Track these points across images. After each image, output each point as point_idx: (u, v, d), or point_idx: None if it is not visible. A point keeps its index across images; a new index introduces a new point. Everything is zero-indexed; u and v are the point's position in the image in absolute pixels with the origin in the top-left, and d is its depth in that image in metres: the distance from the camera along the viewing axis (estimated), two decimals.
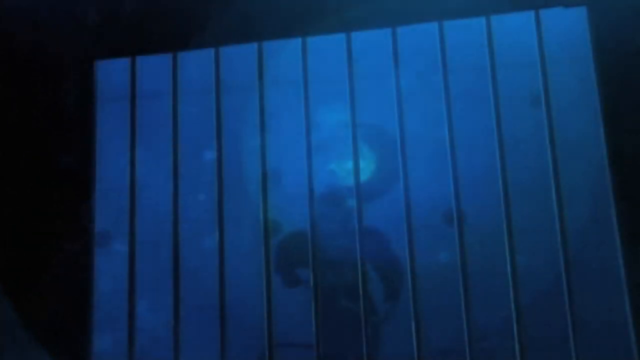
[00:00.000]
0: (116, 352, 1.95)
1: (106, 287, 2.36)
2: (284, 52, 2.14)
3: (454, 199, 1.80)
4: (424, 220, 3.25)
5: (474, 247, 1.92)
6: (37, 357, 1.78)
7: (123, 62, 1.93)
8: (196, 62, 2.12)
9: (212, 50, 1.94)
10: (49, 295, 1.81)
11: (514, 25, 1.94)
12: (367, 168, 3.96)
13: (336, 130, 3.54)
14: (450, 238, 1.92)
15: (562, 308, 1.73)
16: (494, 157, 1.78)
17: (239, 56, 2.09)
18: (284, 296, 3.07)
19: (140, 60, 1.93)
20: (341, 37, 1.88)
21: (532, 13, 1.77)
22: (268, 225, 1.88)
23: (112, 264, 2.53)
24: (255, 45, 1.91)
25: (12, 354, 1.79)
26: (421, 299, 3.15)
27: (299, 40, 1.90)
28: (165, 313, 1.92)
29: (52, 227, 1.84)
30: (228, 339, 1.82)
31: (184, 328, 1.84)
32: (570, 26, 1.93)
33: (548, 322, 2.95)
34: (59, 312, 1.80)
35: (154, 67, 2.06)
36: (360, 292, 1.85)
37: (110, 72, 1.95)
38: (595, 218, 3.32)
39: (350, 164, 3.20)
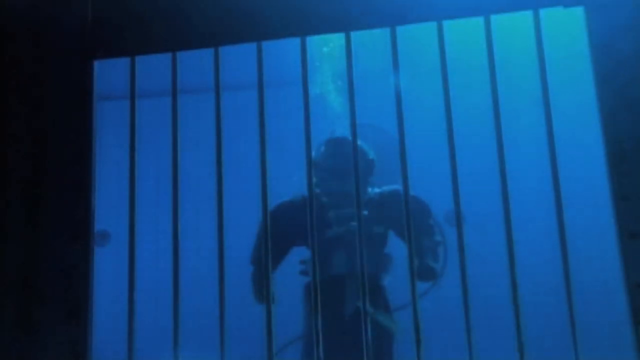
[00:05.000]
0: (116, 352, 1.95)
1: (106, 287, 2.36)
2: (283, 52, 2.15)
3: (453, 199, 1.80)
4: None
5: (474, 247, 1.92)
6: (37, 357, 1.78)
7: (122, 62, 1.93)
8: (196, 62, 2.13)
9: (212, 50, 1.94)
10: (48, 295, 1.81)
11: (513, 25, 1.94)
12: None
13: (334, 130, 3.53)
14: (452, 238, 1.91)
15: (562, 308, 1.72)
16: (493, 156, 1.78)
17: (238, 56, 2.09)
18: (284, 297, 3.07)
19: (139, 59, 1.93)
20: (340, 36, 1.88)
21: (531, 12, 1.77)
22: (268, 226, 1.88)
23: (112, 264, 2.53)
24: (254, 45, 1.91)
25: (12, 353, 1.79)
26: (423, 299, 3.14)
27: (298, 39, 1.90)
28: (165, 314, 1.93)
29: (50, 227, 1.84)
30: (227, 339, 1.82)
31: (183, 328, 1.84)
32: (569, 25, 1.93)
33: (548, 322, 2.95)
34: (58, 311, 1.80)
35: (153, 66, 2.06)
36: (361, 294, 1.85)
37: (109, 72, 1.95)
38: (595, 218, 3.32)
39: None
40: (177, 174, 1.91)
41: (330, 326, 1.81)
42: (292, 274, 3.23)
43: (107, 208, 2.31)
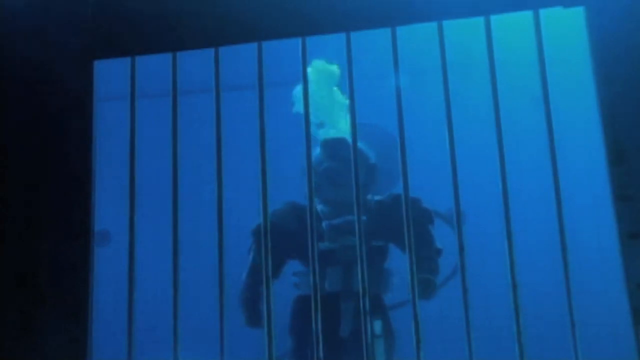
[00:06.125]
0: (115, 352, 1.95)
1: (106, 287, 2.36)
2: (284, 52, 2.15)
3: (453, 199, 1.80)
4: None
5: (474, 247, 1.92)
6: (37, 357, 1.78)
7: (122, 62, 1.93)
8: (196, 61, 2.12)
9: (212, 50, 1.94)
10: (48, 295, 1.81)
11: (513, 25, 1.94)
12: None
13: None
14: (451, 238, 1.91)
15: (562, 308, 1.72)
16: (493, 156, 1.78)
17: (238, 56, 2.09)
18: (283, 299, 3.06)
19: (139, 59, 1.93)
20: (340, 37, 1.88)
21: (531, 13, 1.77)
22: (267, 227, 1.87)
23: (112, 264, 2.53)
24: (255, 45, 1.91)
25: (12, 353, 1.79)
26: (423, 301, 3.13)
27: (299, 40, 1.90)
28: (164, 314, 1.93)
29: (50, 227, 1.84)
30: (227, 339, 1.82)
31: (183, 328, 1.84)
32: (568, 25, 1.93)
33: (548, 322, 2.95)
34: (58, 311, 1.80)
35: (153, 67, 2.06)
36: (361, 295, 1.85)
37: (109, 72, 1.96)
38: (595, 218, 3.32)
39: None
40: (176, 174, 1.91)
41: (324, 348, 1.70)
42: (287, 285, 3.14)
43: (107, 208, 2.31)
